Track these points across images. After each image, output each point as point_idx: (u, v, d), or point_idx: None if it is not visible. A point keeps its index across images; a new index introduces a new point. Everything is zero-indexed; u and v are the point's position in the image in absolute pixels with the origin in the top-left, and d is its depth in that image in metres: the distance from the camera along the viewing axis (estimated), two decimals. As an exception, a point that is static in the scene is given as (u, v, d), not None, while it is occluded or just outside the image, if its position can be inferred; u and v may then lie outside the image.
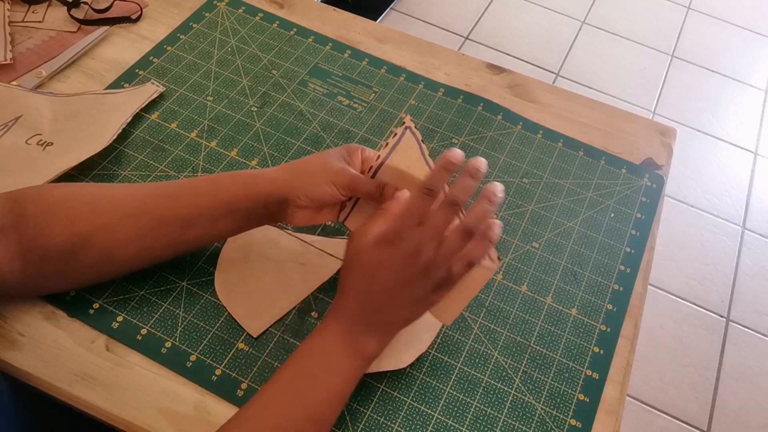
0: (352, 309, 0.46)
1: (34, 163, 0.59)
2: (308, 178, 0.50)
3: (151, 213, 0.50)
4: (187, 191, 0.51)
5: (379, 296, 0.45)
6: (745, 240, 1.56)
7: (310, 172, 0.50)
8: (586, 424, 0.51)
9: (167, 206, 0.50)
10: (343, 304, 0.47)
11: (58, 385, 0.49)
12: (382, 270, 0.45)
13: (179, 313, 0.53)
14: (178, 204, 0.50)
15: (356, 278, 0.46)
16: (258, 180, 0.51)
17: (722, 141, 1.76)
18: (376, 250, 0.45)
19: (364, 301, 0.46)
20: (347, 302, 0.46)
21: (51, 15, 0.73)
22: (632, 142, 0.71)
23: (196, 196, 0.50)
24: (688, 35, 2.02)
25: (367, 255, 0.46)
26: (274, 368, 0.51)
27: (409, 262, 0.44)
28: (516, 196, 0.65)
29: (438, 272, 0.44)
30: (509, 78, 0.76)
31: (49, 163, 0.59)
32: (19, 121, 0.62)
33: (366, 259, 0.46)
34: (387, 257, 0.45)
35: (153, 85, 0.67)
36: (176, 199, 0.50)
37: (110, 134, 0.62)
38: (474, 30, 1.94)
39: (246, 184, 0.51)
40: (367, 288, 0.46)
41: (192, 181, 0.53)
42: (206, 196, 0.50)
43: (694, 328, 1.40)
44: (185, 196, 0.50)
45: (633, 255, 0.62)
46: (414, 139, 0.50)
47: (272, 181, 0.50)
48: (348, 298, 0.47)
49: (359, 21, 0.79)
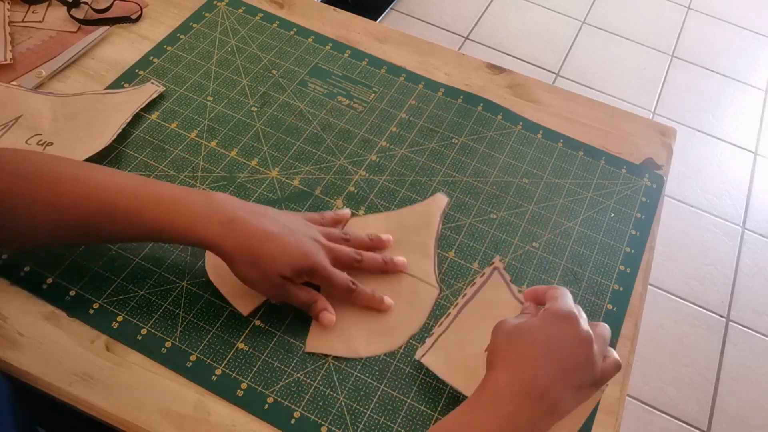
0: (515, 390, 0.42)
1: None
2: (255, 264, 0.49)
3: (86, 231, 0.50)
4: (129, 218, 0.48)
5: (552, 371, 0.42)
6: (745, 240, 1.56)
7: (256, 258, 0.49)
8: (586, 424, 0.51)
9: (105, 228, 0.49)
10: (503, 382, 0.42)
11: (58, 385, 0.49)
12: (562, 341, 0.43)
13: (179, 313, 0.53)
14: (115, 229, 0.49)
15: (524, 348, 0.43)
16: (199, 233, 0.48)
17: (722, 141, 1.76)
18: (553, 322, 0.44)
19: (533, 378, 0.42)
20: (509, 380, 0.42)
21: (51, 15, 0.73)
22: (632, 142, 0.71)
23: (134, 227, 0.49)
24: (688, 35, 2.02)
25: (541, 325, 0.44)
26: (274, 368, 0.51)
27: (584, 343, 0.44)
28: (516, 196, 0.65)
29: (599, 365, 0.44)
30: (509, 78, 0.76)
31: None
32: (19, 121, 0.62)
33: (541, 329, 0.44)
34: (562, 333, 0.44)
35: (153, 84, 0.67)
36: (115, 225, 0.49)
37: (110, 134, 0.62)
38: (474, 30, 1.94)
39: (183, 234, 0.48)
40: (539, 361, 0.42)
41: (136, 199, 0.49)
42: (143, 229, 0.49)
43: (694, 328, 1.40)
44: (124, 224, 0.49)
45: (633, 255, 0.62)
46: (502, 279, 0.54)
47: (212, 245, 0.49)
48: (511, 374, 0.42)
49: (359, 21, 0.79)
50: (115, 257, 0.56)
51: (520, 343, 0.44)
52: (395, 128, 0.69)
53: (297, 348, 0.52)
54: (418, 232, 0.60)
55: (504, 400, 0.41)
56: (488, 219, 0.62)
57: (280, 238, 0.50)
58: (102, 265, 0.55)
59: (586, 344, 0.43)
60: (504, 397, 0.41)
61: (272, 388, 0.50)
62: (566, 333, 0.44)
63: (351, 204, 0.62)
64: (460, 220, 0.62)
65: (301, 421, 0.49)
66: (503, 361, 0.43)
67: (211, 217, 0.48)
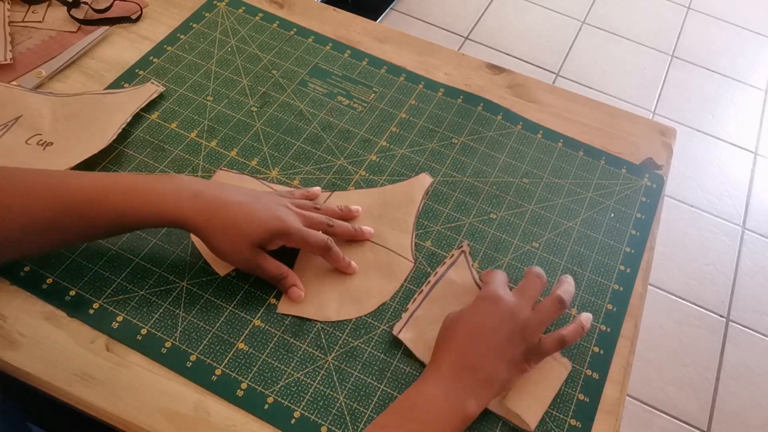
0: (453, 366, 0.47)
1: (34, 163, 0.59)
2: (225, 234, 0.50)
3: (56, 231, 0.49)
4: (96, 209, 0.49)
5: (482, 347, 0.48)
6: (745, 240, 1.56)
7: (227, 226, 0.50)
8: (586, 424, 0.51)
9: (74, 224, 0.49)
10: (444, 361, 0.48)
11: (58, 385, 0.49)
12: (487, 321, 0.49)
13: (179, 313, 0.53)
14: (84, 223, 0.49)
15: (459, 333, 0.49)
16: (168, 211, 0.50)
17: (722, 141, 1.76)
18: (480, 306, 0.50)
19: (467, 354, 0.47)
20: (449, 360, 0.48)
21: (51, 15, 0.73)
22: (632, 142, 0.71)
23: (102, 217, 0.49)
24: (688, 35, 2.02)
25: (470, 311, 0.50)
26: (274, 368, 0.51)
27: (511, 317, 0.49)
28: (516, 196, 0.65)
29: (533, 336, 0.49)
30: (509, 78, 0.76)
31: (49, 163, 0.59)
32: (19, 121, 0.62)
33: (470, 314, 0.50)
34: (491, 311, 0.49)
35: (153, 84, 0.67)
36: (83, 218, 0.49)
37: (111, 134, 0.62)
38: (474, 30, 1.94)
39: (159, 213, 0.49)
40: (471, 340, 0.48)
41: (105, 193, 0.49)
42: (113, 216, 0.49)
43: (694, 328, 1.40)
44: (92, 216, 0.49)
45: (633, 255, 0.62)
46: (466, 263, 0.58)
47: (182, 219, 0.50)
48: (449, 355, 0.48)
49: (359, 21, 0.79)
50: (115, 257, 0.56)
51: (456, 328, 0.49)
52: (395, 128, 0.69)
53: (297, 348, 0.52)
54: (399, 208, 0.61)
55: (445, 376, 0.47)
56: (488, 219, 0.62)
57: (248, 206, 0.51)
58: (102, 265, 0.55)
59: (508, 321, 0.49)
60: (445, 374, 0.47)
61: (272, 388, 0.50)
62: (491, 312, 0.49)
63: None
64: (460, 220, 0.62)
65: (301, 421, 0.49)
66: (445, 346, 0.49)
67: (178, 195, 0.50)
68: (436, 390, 0.46)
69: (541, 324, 0.50)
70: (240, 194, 0.52)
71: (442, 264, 0.58)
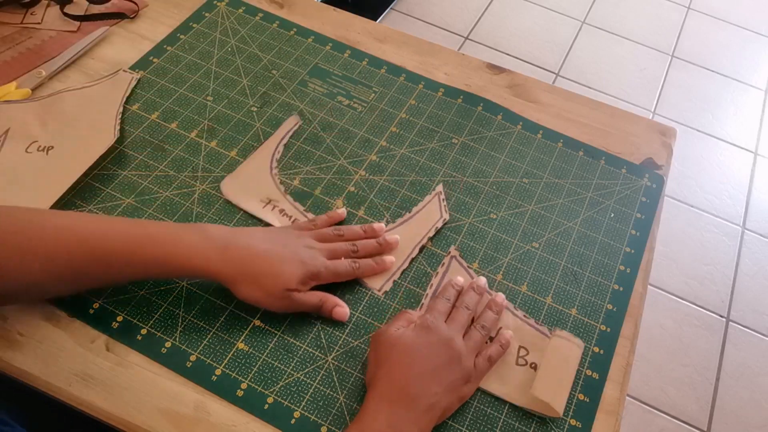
0: (395, 393, 0.47)
1: (44, 170, 0.59)
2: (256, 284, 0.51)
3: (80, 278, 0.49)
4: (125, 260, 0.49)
5: (421, 375, 0.48)
6: (745, 240, 1.56)
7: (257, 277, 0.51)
8: (586, 424, 0.51)
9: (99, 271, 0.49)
10: (384, 388, 0.48)
11: (57, 385, 0.49)
12: (425, 350, 0.49)
13: (179, 313, 0.53)
14: (111, 272, 0.49)
15: (397, 359, 0.49)
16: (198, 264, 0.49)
17: (722, 141, 1.76)
18: (417, 333, 0.50)
19: (407, 382, 0.47)
20: (389, 386, 0.48)
21: (49, 16, 0.73)
22: (632, 142, 0.71)
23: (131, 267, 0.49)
24: (688, 35, 2.02)
25: (409, 338, 0.50)
26: (275, 368, 0.51)
27: (446, 345, 0.50)
28: (516, 196, 0.65)
29: (467, 361, 0.50)
30: (509, 78, 0.76)
31: (60, 168, 0.59)
32: (9, 134, 0.61)
33: (409, 341, 0.49)
34: (428, 340, 0.50)
35: (126, 72, 0.68)
36: (110, 267, 0.49)
37: (111, 127, 0.62)
38: (474, 30, 1.94)
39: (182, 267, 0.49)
40: (410, 367, 0.48)
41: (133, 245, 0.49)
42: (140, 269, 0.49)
43: (694, 328, 1.40)
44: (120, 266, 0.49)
45: (633, 255, 0.62)
46: (460, 266, 0.59)
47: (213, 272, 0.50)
48: (389, 381, 0.48)
49: (359, 21, 0.79)
50: (115, 257, 0.56)
51: (395, 353, 0.49)
52: (395, 128, 0.69)
53: (297, 348, 0.52)
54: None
55: (385, 408, 0.46)
56: (488, 219, 0.62)
57: (275, 255, 0.51)
58: (102, 265, 0.55)
59: (446, 347, 0.50)
60: (384, 407, 0.46)
61: (272, 388, 0.50)
62: (429, 340, 0.50)
63: (351, 204, 0.62)
64: (460, 220, 0.62)
65: (301, 421, 0.49)
66: (383, 372, 0.48)
67: (206, 248, 0.50)
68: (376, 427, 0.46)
69: (472, 350, 0.51)
70: (267, 241, 0.52)
71: (435, 274, 0.58)
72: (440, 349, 0.50)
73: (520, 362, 0.53)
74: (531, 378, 0.52)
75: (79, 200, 0.59)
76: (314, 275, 0.53)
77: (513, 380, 0.52)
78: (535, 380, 0.51)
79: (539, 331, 0.55)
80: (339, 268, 0.55)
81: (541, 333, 0.55)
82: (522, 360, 0.53)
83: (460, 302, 0.54)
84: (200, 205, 0.60)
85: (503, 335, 0.54)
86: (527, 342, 0.55)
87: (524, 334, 0.55)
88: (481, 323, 0.54)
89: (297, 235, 0.55)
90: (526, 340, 0.55)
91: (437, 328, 0.51)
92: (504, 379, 0.52)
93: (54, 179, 0.58)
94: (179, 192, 0.61)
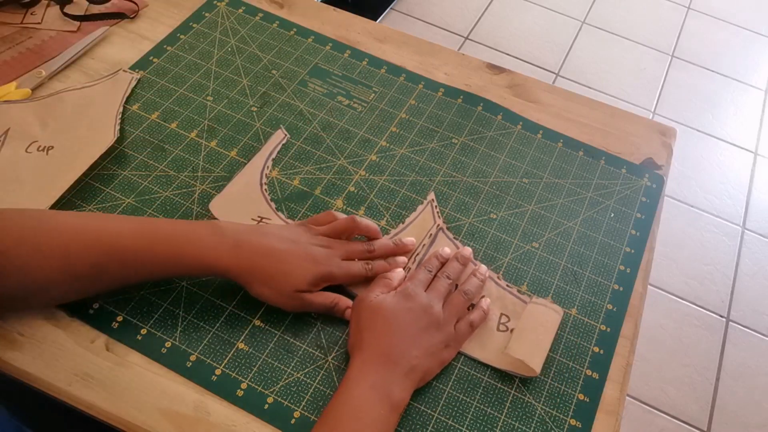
0: (377, 357, 0.48)
1: (44, 169, 0.59)
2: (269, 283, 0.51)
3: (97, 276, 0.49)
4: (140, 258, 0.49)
5: (402, 339, 0.50)
6: (745, 240, 1.56)
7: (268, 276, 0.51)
8: (586, 424, 0.51)
9: (115, 271, 0.49)
10: (367, 353, 0.49)
11: (57, 385, 0.49)
12: (405, 315, 0.51)
13: (179, 313, 0.53)
14: (126, 271, 0.49)
15: (379, 325, 0.50)
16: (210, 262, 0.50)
17: (722, 141, 1.76)
18: (398, 300, 0.52)
19: (388, 346, 0.49)
20: (371, 351, 0.49)
21: (49, 15, 0.73)
22: (632, 142, 0.71)
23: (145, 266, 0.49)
24: (688, 35, 2.02)
25: (390, 304, 0.51)
26: (274, 368, 0.51)
27: (425, 312, 0.52)
28: (516, 196, 0.65)
29: (447, 326, 0.52)
30: (509, 78, 0.76)
31: (60, 168, 0.59)
32: (9, 134, 0.61)
33: (389, 307, 0.51)
34: (408, 306, 0.51)
35: (126, 72, 0.68)
36: (126, 266, 0.49)
37: (110, 127, 0.62)
38: (474, 30, 1.94)
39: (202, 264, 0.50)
40: (391, 332, 0.50)
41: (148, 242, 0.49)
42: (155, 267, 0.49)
43: (694, 328, 1.40)
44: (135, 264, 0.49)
45: (633, 255, 0.62)
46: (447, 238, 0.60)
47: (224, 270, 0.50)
48: (371, 346, 0.49)
49: (359, 21, 0.79)
50: (115, 257, 0.56)
51: (377, 319, 0.50)
52: (395, 128, 0.69)
53: (297, 348, 0.52)
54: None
55: (368, 372, 0.48)
56: (488, 219, 0.62)
57: (288, 254, 0.51)
58: (102, 265, 0.55)
59: (425, 314, 0.51)
60: (368, 370, 0.48)
61: (272, 388, 0.50)
62: (409, 307, 0.51)
63: (351, 204, 0.62)
64: (460, 220, 0.62)
65: (301, 421, 0.49)
66: (366, 337, 0.50)
67: (219, 245, 0.50)
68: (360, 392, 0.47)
69: (451, 315, 0.53)
70: (281, 239, 0.52)
71: (423, 246, 0.59)
72: (420, 315, 0.51)
73: (501, 328, 0.55)
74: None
75: (79, 200, 0.59)
76: (326, 276, 0.52)
77: (493, 345, 0.54)
78: (510, 341, 0.53)
79: (520, 299, 0.57)
80: (353, 269, 0.54)
81: (522, 301, 0.57)
82: (503, 326, 0.55)
83: (441, 272, 0.56)
84: (200, 205, 0.60)
85: (483, 303, 0.55)
86: (509, 310, 0.56)
87: (506, 302, 0.57)
88: (464, 289, 0.55)
89: (309, 234, 0.55)
90: (509, 308, 0.56)
91: (417, 295, 0.52)
92: (485, 344, 0.54)
93: (54, 179, 0.58)
94: (179, 192, 0.61)
